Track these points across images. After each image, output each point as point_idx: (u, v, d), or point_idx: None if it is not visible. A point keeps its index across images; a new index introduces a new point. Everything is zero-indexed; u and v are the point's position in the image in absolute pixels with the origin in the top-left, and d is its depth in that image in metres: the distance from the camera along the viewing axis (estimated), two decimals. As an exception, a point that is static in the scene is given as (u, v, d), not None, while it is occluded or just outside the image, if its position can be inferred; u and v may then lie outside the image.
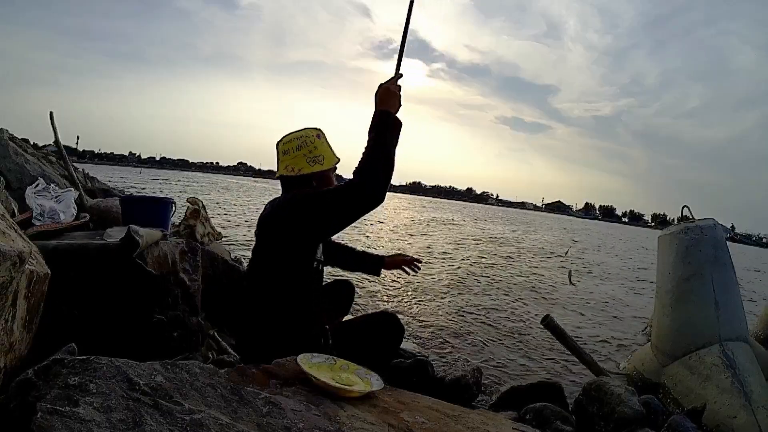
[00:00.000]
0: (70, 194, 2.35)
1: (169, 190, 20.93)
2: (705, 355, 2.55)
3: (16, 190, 2.99)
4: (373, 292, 5.26)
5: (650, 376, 2.91)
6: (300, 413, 0.85)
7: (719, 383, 2.37)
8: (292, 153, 1.53)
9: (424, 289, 5.81)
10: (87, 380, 0.69)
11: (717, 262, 2.78)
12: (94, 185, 5.10)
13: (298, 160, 1.51)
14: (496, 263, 9.22)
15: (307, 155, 1.52)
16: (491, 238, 15.99)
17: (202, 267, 2.09)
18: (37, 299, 1.25)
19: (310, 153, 1.52)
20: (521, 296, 6.17)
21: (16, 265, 1.00)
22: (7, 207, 2.21)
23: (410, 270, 2.03)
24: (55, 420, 0.60)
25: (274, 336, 1.38)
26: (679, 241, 2.92)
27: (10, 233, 1.21)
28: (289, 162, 1.52)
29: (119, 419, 0.64)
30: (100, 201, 3.18)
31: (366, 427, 0.89)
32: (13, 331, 1.10)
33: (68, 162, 4.04)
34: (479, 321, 4.59)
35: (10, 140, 3.53)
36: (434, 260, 8.58)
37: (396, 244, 10.69)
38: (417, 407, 1.07)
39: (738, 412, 2.19)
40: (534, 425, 1.95)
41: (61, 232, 2.03)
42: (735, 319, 2.68)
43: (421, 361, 2.49)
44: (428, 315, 4.58)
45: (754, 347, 2.68)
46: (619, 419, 2.06)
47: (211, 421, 0.71)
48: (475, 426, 1.05)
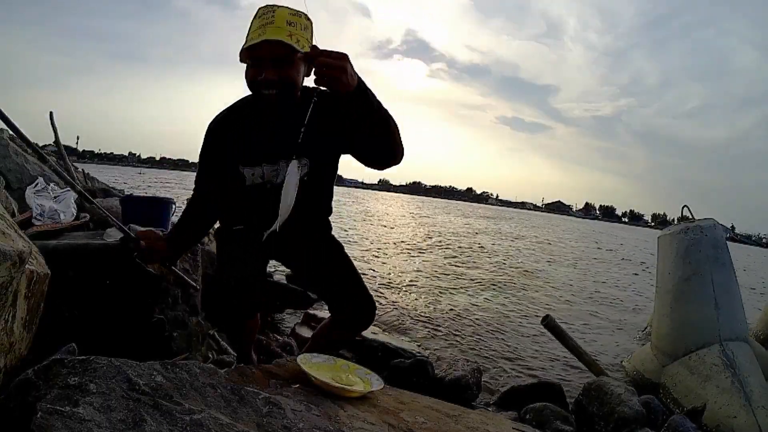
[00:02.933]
0: (70, 194, 2.35)
1: (166, 191, 20.93)
2: (705, 355, 2.55)
3: (16, 190, 2.99)
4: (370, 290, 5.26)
5: (650, 376, 2.92)
6: (300, 413, 0.85)
7: (719, 383, 2.37)
8: (300, 29, 1.27)
9: (424, 289, 5.81)
10: (87, 380, 0.70)
11: (717, 262, 2.79)
12: (94, 185, 5.11)
13: (304, 42, 1.26)
14: (496, 263, 9.23)
15: (309, 41, 1.30)
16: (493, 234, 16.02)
17: (202, 267, 2.09)
18: (37, 299, 1.25)
19: (309, 42, 1.30)
20: (522, 296, 6.17)
21: (16, 265, 1.00)
22: (7, 207, 2.21)
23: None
24: (55, 420, 0.60)
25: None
26: (679, 241, 2.92)
27: (10, 233, 1.21)
28: (299, 35, 1.25)
29: (119, 419, 0.65)
30: (100, 201, 3.18)
31: (366, 427, 0.89)
32: (13, 331, 1.10)
33: (68, 162, 4.04)
34: (479, 320, 4.59)
35: (10, 140, 3.53)
36: (432, 258, 8.59)
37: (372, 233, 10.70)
38: (417, 407, 1.07)
39: (738, 412, 2.19)
40: (534, 425, 1.96)
41: (61, 232, 2.03)
42: (735, 319, 2.68)
43: (421, 361, 2.49)
44: (428, 315, 4.58)
45: (754, 347, 2.68)
46: (619, 419, 2.06)
47: (211, 421, 0.71)
48: (475, 426, 1.05)
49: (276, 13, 1.27)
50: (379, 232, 13.42)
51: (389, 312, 4.52)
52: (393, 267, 7.39)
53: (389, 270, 7.04)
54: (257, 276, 1.42)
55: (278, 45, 1.22)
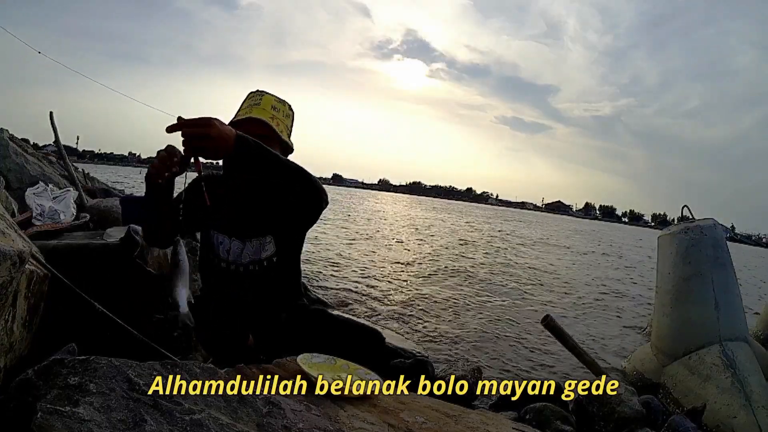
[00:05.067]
0: (70, 194, 2.35)
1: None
2: (705, 355, 2.55)
3: (16, 190, 2.99)
4: (370, 291, 5.26)
5: (650, 376, 2.92)
6: (300, 413, 0.85)
7: (719, 383, 2.37)
8: (282, 115, 1.43)
9: (422, 287, 5.81)
10: (87, 380, 0.70)
11: (717, 262, 2.79)
12: (94, 185, 5.10)
13: (283, 128, 1.42)
14: (496, 263, 9.23)
15: (289, 128, 1.46)
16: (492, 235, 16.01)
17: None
18: (37, 299, 1.26)
19: (288, 129, 1.45)
20: (521, 296, 6.17)
21: (16, 265, 1.00)
22: (7, 207, 2.21)
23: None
24: (55, 420, 0.60)
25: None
26: (679, 241, 2.92)
27: (10, 233, 1.21)
28: (280, 120, 1.41)
29: (119, 419, 0.65)
30: (100, 201, 3.18)
31: (366, 427, 0.89)
32: (13, 331, 1.10)
33: (68, 162, 4.05)
34: (479, 320, 4.59)
35: (10, 140, 3.53)
36: (430, 255, 8.59)
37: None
38: (417, 407, 1.07)
39: (738, 412, 2.20)
40: (534, 425, 1.96)
41: (61, 232, 2.03)
42: (735, 319, 2.68)
43: (421, 361, 2.49)
44: (428, 314, 4.58)
45: (754, 347, 2.68)
46: (619, 419, 2.06)
47: (211, 421, 0.71)
48: (475, 426, 1.05)
49: (263, 97, 1.42)
50: (382, 231, 13.43)
51: (389, 312, 4.52)
52: (393, 267, 7.39)
53: (389, 270, 7.04)
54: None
55: (260, 124, 1.34)
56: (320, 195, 1.28)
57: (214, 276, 1.43)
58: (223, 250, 1.41)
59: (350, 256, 7.88)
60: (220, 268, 1.41)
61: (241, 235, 1.41)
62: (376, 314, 4.39)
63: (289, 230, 1.45)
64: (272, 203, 1.38)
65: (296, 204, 1.30)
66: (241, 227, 1.41)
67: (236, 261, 1.41)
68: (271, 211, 1.39)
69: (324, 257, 7.26)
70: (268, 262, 1.41)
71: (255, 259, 1.40)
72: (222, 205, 1.40)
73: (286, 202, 1.31)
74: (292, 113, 1.48)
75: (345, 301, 4.76)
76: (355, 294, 5.10)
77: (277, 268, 1.43)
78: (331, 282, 5.55)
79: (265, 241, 1.41)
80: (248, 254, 1.40)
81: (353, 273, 6.34)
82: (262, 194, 1.38)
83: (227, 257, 1.41)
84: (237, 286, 1.40)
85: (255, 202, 1.40)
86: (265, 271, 1.41)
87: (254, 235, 1.40)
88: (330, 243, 9.17)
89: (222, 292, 1.43)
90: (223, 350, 1.43)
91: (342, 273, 6.22)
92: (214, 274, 1.43)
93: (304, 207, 1.33)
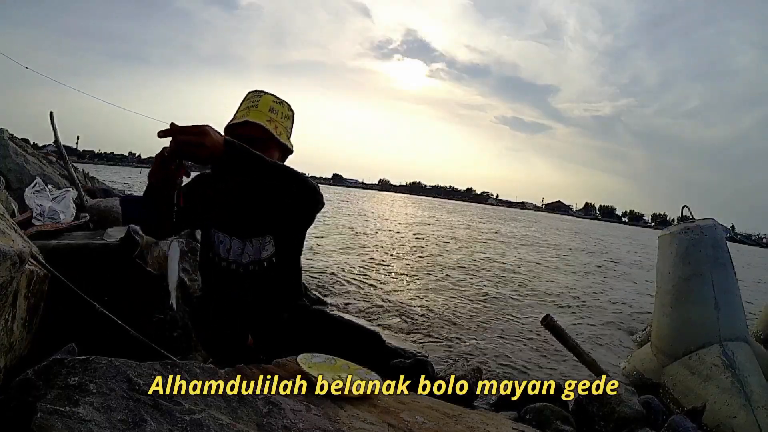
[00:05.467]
0: (70, 194, 2.35)
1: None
2: (705, 355, 2.55)
3: (16, 190, 2.99)
4: (370, 291, 5.26)
5: (650, 376, 2.92)
6: (300, 413, 0.85)
7: (719, 383, 2.37)
8: (281, 116, 1.40)
9: (422, 287, 5.81)
10: (87, 380, 0.69)
11: (717, 262, 2.79)
12: (94, 185, 5.10)
13: (281, 130, 1.40)
14: (496, 263, 9.22)
15: (289, 129, 1.43)
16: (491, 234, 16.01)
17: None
18: (37, 299, 1.26)
19: (287, 130, 1.43)
20: (522, 296, 6.17)
21: (16, 265, 1.00)
22: (7, 207, 2.21)
23: None
24: (55, 420, 0.60)
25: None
26: (679, 241, 2.92)
27: (10, 233, 1.21)
28: (278, 123, 1.39)
29: (119, 419, 0.64)
30: (100, 201, 3.18)
31: (366, 427, 0.89)
32: (13, 331, 1.10)
33: (68, 162, 4.05)
34: (479, 320, 4.59)
35: (10, 140, 3.53)
36: (429, 255, 8.59)
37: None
38: (417, 407, 1.07)
39: (738, 412, 2.20)
40: (534, 425, 1.96)
41: (61, 232, 2.03)
42: (735, 319, 2.68)
43: (421, 361, 2.49)
44: (428, 314, 4.58)
45: (754, 347, 2.68)
46: (619, 419, 2.06)
47: (211, 421, 0.71)
48: (475, 426, 1.05)
49: (262, 98, 1.39)
50: (382, 231, 13.42)
51: (389, 312, 4.52)
52: (393, 267, 7.38)
53: (389, 270, 7.04)
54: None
55: (257, 127, 1.33)
56: (315, 195, 1.28)
57: (214, 275, 1.43)
58: (224, 249, 1.41)
59: (350, 256, 7.89)
60: (220, 267, 1.41)
61: (241, 234, 1.40)
62: (377, 314, 4.39)
63: (288, 230, 1.45)
64: (269, 203, 1.38)
65: (293, 204, 1.30)
66: (241, 226, 1.41)
67: (237, 260, 1.41)
68: (269, 210, 1.39)
69: (324, 257, 7.27)
70: (268, 262, 1.41)
71: (255, 259, 1.40)
72: (220, 204, 1.40)
73: (282, 203, 1.31)
74: (292, 113, 1.46)
75: (345, 301, 4.76)
76: (355, 294, 5.10)
77: (277, 269, 1.43)
78: (331, 282, 5.56)
79: (265, 241, 1.41)
80: (249, 254, 1.40)
81: (353, 273, 6.35)
82: (260, 194, 1.38)
83: (227, 256, 1.41)
84: (237, 286, 1.40)
85: (253, 201, 1.40)
86: (265, 271, 1.41)
87: (254, 234, 1.40)
88: (329, 243, 9.18)
89: (222, 292, 1.43)
90: (223, 350, 1.44)
91: (342, 273, 6.23)
92: (214, 273, 1.43)
93: (300, 207, 1.33)
